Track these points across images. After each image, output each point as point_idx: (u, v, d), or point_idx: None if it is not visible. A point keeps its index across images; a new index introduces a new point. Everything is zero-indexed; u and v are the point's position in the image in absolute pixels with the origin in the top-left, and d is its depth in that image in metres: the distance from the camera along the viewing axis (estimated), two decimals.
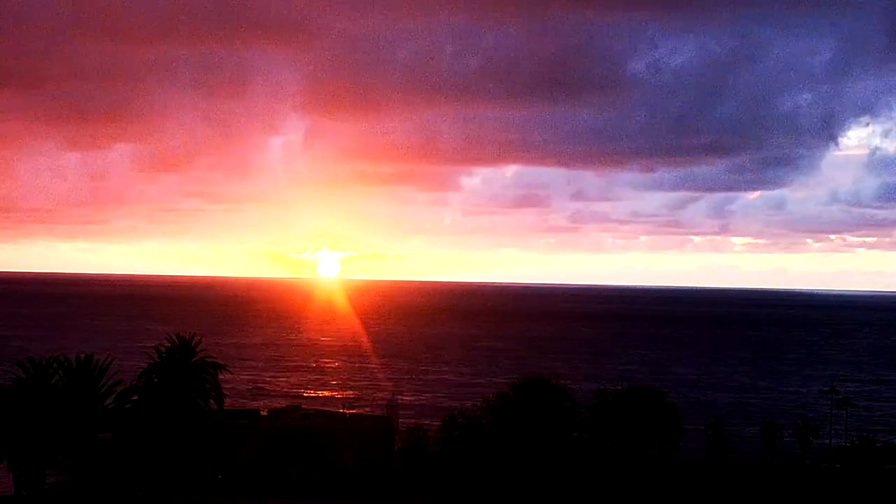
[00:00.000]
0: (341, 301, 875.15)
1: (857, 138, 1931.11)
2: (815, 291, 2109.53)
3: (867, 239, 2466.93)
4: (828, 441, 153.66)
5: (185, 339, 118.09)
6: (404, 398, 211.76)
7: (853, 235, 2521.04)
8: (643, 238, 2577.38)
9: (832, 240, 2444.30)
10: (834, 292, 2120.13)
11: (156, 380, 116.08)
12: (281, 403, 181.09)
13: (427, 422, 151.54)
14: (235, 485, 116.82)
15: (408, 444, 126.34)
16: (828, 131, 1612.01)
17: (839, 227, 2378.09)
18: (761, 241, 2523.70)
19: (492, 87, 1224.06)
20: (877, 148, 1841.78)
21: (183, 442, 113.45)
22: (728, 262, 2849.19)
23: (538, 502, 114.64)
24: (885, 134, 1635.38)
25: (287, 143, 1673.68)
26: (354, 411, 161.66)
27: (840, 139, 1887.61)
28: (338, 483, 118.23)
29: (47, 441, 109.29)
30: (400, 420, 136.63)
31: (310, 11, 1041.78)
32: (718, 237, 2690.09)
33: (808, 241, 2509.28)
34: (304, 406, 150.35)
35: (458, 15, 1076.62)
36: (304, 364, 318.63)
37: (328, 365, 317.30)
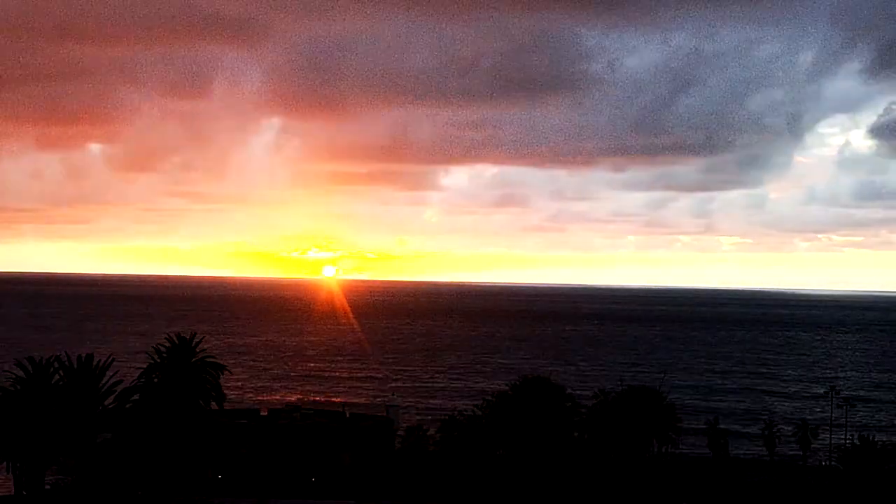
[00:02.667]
0: (335, 301, 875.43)
1: (844, 139, 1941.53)
2: (803, 292, 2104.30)
3: (855, 238, 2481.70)
4: (828, 441, 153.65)
5: (185, 339, 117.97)
6: (404, 398, 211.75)
7: (839, 235, 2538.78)
8: (630, 238, 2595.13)
9: (820, 239, 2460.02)
10: (823, 292, 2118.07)
11: (156, 380, 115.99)
12: (281, 403, 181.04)
13: (427, 422, 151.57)
14: (235, 485, 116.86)
15: (408, 444, 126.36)
16: (814, 131, 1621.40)
17: (826, 227, 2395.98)
18: (748, 241, 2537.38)
19: (465, 87, 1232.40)
20: (860, 149, 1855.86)
21: (183, 442, 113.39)
22: (717, 263, 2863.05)
23: (538, 502, 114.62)
24: (871, 135, 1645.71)
25: (278, 144, 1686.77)
26: (355, 411, 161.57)
27: (826, 140, 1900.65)
28: (338, 483, 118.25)
29: (47, 441, 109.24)
30: (400, 420, 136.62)
31: (277, 15, 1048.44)
32: (705, 237, 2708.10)
33: (796, 240, 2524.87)
34: (304, 406, 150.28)
35: (434, 15, 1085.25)
36: (304, 364, 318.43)
37: (328, 365, 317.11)
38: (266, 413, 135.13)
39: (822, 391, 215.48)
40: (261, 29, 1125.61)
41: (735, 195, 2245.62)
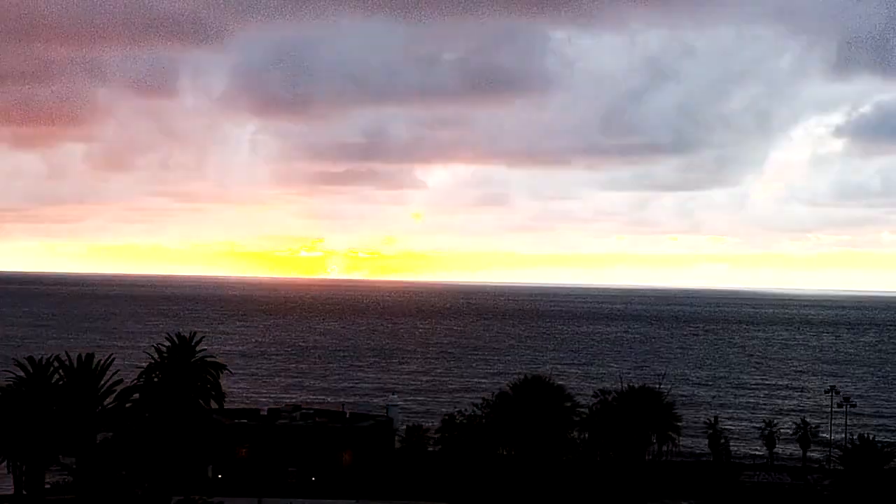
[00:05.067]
0: (333, 301, 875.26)
1: (831, 139, 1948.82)
2: (796, 292, 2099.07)
3: (844, 237, 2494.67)
4: (828, 441, 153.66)
5: (184, 339, 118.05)
6: (404, 398, 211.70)
7: (826, 234, 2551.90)
8: (617, 237, 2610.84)
9: (808, 239, 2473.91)
10: (816, 292, 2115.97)
11: (156, 379, 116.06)
12: (281, 403, 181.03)
13: (427, 422, 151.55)
14: (235, 485, 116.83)
15: (408, 444, 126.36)
16: (802, 131, 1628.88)
17: (814, 226, 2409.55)
18: (735, 240, 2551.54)
19: (437, 86, 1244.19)
20: (847, 148, 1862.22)
21: (183, 441, 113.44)
22: (709, 262, 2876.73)
23: (538, 502, 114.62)
24: (856, 134, 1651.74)
25: (268, 145, 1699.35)
26: (354, 411, 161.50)
27: (813, 139, 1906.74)
28: (338, 483, 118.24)
29: (47, 441, 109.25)
30: (400, 420, 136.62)
31: (254, 15, 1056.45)
32: (694, 236, 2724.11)
33: (784, 240, 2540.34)
34: (304, 406, 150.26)
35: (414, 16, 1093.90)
36: (303, 364, 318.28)
37: (327, 365, 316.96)
38: (266, 413, 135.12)
39: (822, 391, 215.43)
40: (235, 30, 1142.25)
41: (720, 195, 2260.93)
